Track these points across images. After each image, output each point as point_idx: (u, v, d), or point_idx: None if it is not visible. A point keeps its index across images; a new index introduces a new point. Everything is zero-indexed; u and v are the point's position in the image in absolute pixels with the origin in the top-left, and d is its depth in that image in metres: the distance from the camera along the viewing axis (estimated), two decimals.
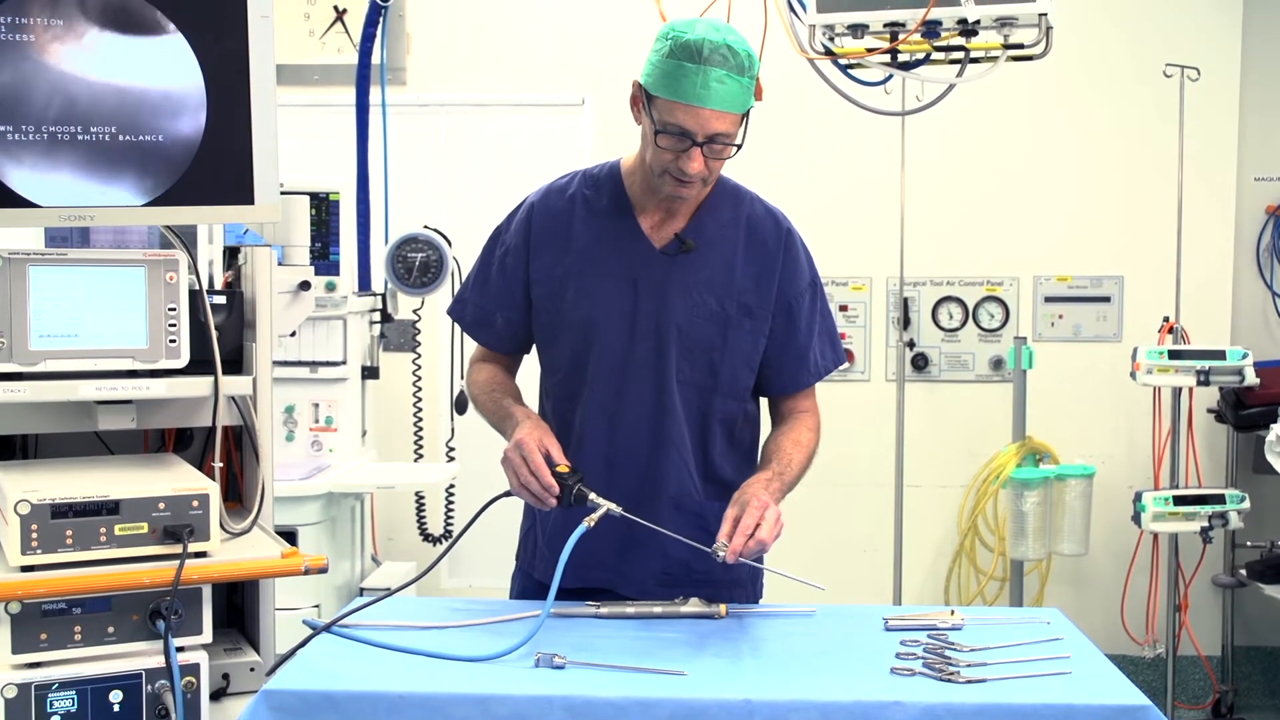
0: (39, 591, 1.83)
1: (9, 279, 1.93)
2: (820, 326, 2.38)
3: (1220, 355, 4.22)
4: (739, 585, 2.37)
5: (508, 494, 2.21)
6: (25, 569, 1.83)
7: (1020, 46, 2.71)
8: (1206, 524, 4.23)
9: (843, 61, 2.83)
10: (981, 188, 4.79)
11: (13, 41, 1.84)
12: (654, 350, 2.28)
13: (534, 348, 2.44)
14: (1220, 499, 4.27)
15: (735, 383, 2.32)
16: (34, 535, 1.82)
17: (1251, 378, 4.21)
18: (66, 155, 1.88)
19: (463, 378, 3.86)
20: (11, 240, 2.12)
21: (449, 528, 4.26)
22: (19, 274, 1.94)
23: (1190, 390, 4.44)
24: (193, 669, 1.94)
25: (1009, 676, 1.82)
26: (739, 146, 2.17)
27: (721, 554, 2.02)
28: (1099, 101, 4.74)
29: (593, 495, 2.10)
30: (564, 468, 2.13)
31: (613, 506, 2.08)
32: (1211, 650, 4.78)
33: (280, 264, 2.52)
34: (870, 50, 2.75)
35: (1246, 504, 4.29)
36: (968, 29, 2.67)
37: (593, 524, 2.05)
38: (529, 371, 2.47)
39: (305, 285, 2.67)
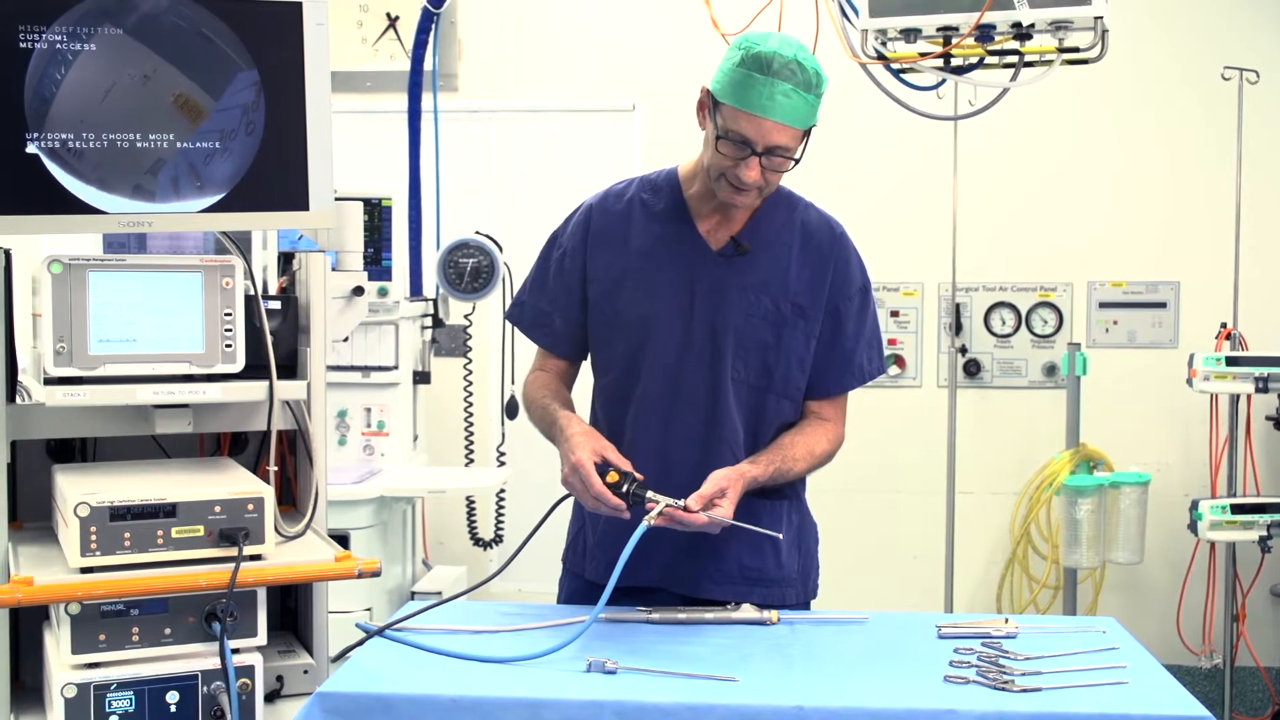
0: (98, 593, 1.85)
1: (69, 284, 1.96)
2: (868, 332, 2.39)
3: (1279, 362, 4.15)
4: (790, 583, 2.37)
5: (568, 497, 2.23)
6: (84, 570, 1.86)
7: (1075, 50, 2.69)
8: (1265, 533, 4.17)
9: (895, 66, 2.83)
10: (1035, 192, 4.75)
11: (74, 51, 1.86)
12: (709, 349, 2.29)
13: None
14: (1279, 508, 4.20)
15: (788, 383, 2.33)
16: (93, 537, 1.85)
17: None
18: (125, 162, 1.90)
19: (513, 383, 3.88)
20: (71, 246, 2.15)
21: (499, 533, 4.27)
22: (79, 279, 1.97)
23: (1248, 397, 4.38)
24: (248, 671, 1.96)
25: (1065, 686, 1.80)
26: (797, 161, 2.19)
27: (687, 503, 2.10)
28: (1155, 105, 4.69)
29: (649, 494, 2.10)
30: (614, 477, 2.12)
31: (671, 501, 2.09)
32: (1271, 661, 4.70)
33: (334, 270, 2.54)
34: (923, 55, 2.75)
35: None
36: (1022, 33, 2.66)
37: (652, 522, 2.06)
38: (581, 381, 2.47)
39: (358, 291, 2.69)
